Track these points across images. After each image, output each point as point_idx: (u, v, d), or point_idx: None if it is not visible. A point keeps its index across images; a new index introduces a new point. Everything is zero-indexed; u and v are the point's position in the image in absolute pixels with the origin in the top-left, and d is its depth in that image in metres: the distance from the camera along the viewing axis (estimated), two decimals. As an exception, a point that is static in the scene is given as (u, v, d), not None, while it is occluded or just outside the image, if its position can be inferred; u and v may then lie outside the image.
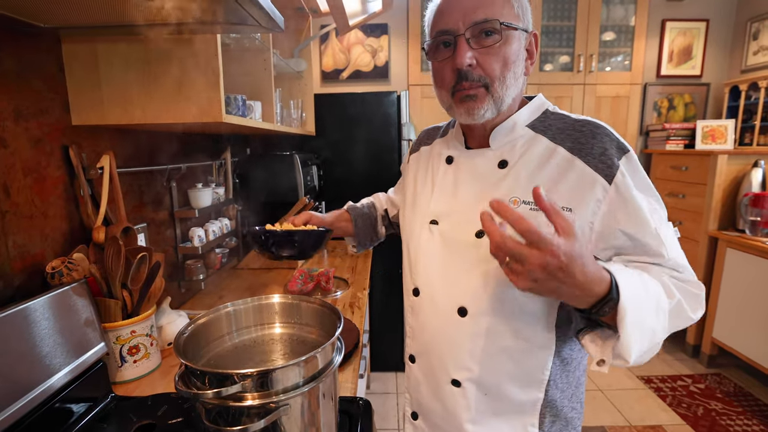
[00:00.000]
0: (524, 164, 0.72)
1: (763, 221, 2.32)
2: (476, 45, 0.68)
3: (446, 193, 0.80)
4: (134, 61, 0.94)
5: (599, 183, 0.67)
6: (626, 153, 0.68)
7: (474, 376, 0.75)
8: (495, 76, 0.69)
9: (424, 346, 0.81)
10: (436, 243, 0.79)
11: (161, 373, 1.01)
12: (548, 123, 0.75)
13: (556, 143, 0.71)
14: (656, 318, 0.59)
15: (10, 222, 0.80)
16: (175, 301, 1.38)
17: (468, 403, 0.76)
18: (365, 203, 1.12)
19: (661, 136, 3.07)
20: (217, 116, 0.95)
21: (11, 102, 0.81)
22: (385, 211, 1.10)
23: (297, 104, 2.01)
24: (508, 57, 0.69)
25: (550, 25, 3.05)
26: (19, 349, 0.69)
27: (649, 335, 0.59)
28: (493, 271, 0.71)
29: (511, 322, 0.72)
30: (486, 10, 0.67)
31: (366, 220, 1.08)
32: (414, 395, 0.86)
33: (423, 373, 0.82)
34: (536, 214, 0.68)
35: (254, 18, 0.76)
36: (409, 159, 0.98)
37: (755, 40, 2.94)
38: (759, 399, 2.29)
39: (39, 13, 0.75)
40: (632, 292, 0.56)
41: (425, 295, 0.79)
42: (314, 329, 0.78)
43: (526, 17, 0.72)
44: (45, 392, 0.72)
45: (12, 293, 0.80)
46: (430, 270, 0.79)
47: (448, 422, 0.79)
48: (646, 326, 0.58)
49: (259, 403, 0.56)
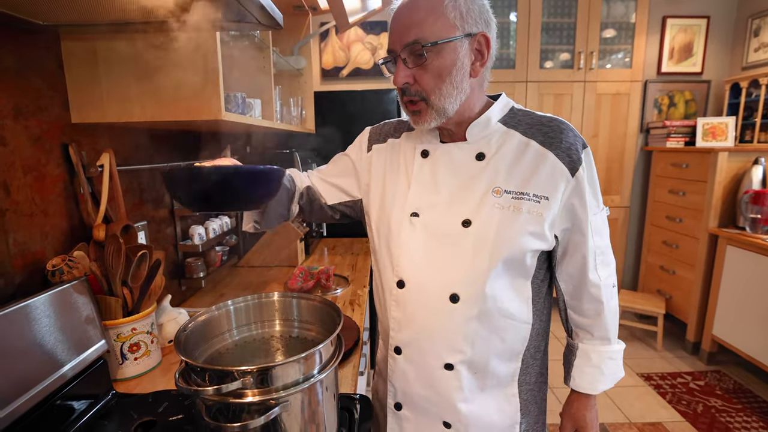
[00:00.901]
0: (502, 157, 0.78)
1: (763, 218, 2.32)
2: (411, 64, 0.73)
3: (425, 185, 0.82)
4: (133, 59, 0.94)
5: (565, 174, 0.76)
6: (586, 148, 0.79)
7: (466, 357, 0.80)
8: (430, 89, 0.74)
9: (413, 336, 0.82)
10: (418, 235, 0.80)
11: (162, 370, 1.01)
12: (517, 119, 0.81)
13: (528, 137, 0.78)
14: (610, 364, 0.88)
15: (10, 220, 0.80)
16: (176, 299, 1.38)
17: (460, 384, 0.81)
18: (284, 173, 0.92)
19: (661, 134, 3.06)
20: (216, 114, 0.94)
21: (11, 100, 0.81)
22: (307, 189, 0.97)
23: (297, 102, 2.01)
24: (441, 71, 0.72)
25: (550, 22, 3.05)
26: (20, 347, 0.69)
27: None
28: (481, 258, 0.75)
29: (499, 303, 0.78)
30: (416, 30, 0.71)
31: (283, 191, 0.90)
32: (399, 386, 0.87)
33: (412, 362, 0.83)
34: (518, 202, 0.75)
35: (253, 15, 0.76)
36: (372, 148, 0.94)
37: (756, 36, 2.93)
38: (759, 396, 2.30)
39: (38, 11, 0.75)
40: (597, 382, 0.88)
41: (412, 286, 0.80)
42: (314, 326, 0.78)
43: (467, 22, 0.72)
44: (46, 389, 0.72)
45: (13, 291, 0.81)
46: (415, 261, 0.80)
47: (439, 405, 0.83)
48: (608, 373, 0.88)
49: (259, 399, 0.57)
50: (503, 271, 0.77)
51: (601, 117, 3.16)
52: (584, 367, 0.88)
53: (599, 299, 0.84)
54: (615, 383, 0.88)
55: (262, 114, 1.49)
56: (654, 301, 2.92)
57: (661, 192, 3.05)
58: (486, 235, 0.75)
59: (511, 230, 0.75)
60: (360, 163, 0.96)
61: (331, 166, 1.01)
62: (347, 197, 0.98)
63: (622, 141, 3.19)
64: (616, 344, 0.88)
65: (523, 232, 0.75)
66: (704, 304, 2.65)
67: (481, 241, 0.76)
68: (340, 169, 0.99)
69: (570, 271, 0.83)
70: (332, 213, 0.99)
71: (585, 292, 0.84)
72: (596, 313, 0.85)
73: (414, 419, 0.87)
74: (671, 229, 2.94)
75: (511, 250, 0.75)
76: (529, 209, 0.75)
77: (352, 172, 0.97)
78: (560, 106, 3.13)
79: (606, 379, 0.87)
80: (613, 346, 0.88)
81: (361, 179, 0.95)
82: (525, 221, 0.75)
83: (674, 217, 2.90)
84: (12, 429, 0.66)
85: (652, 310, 2.83)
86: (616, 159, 3.21)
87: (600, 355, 0.87)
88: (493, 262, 0.75)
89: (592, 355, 0.87)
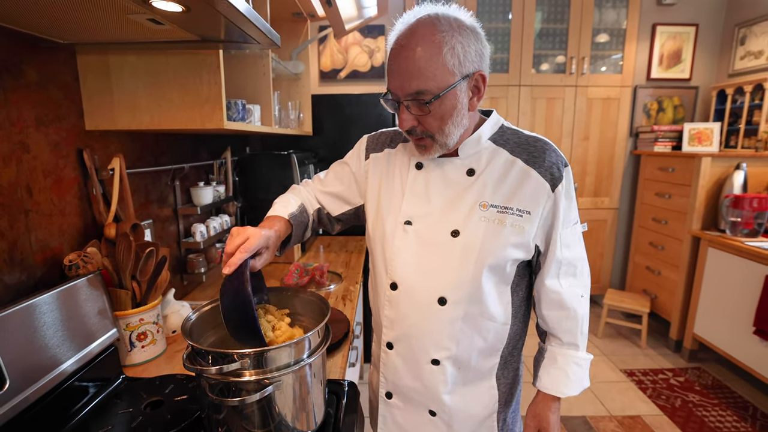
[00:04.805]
0: (489, 173, 0.84)
1: (742, 222, 2.42)
2: (415, 111, 0.78)
3: (419, 196, 0.89)
4: (143, 72, 1.02)
5: (546, 189, 0.82)
6: (566, 167, 0.85)
7: (451, 354, 0.88)
8: (435, 130, 0.79)
9: (403, 333, 0.90)
10: (411, 242, 0.87)
11: (166, 357, 1.10)
12: (506, 137, 0.87)
13: (515, 156, 0.84)
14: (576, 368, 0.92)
15: (32, 219, 0.89)
16: (178, 293, 1.47)
17: (445, 378, 0.89)
18: (297, 207, 0.99)
19: (649, 138, 3.15)
20: (219, 123, 1.03)
21: (33, 110, 0.89)
22: (317, 211, 1.04)
23: (295, 105, 2.09)
24: (444, 114, 0.77)
25: (544, 28, 3.13)
26: (42, 334, 0.78)
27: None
28: (467, 265, 0.83)
29: (482, 306, 0.85)
30: (418, 82, 0.74)
31: (300, 228, 0.99)
32: (390, 378, 0.96)
33: (402, 357, 0.92)
34: (503, 216, 0.80)
35: (254, 38, 0.85)
36: (369, 157, 1.00)
37: (742, 45, 3.02)
38: (735, 392, 2.40)
39: (61, 33, 0.84)
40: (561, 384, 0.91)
41: (404, 288, 0.88)
42: (305, 317, 0.87)
43: (465, 66, 0.75)
44: (65, 372, 0.81)
45: (35, 283, 0.89)
46: (407, 266, 0.88)
47: (426, 396, 0.92)
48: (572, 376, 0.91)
49: (255, 379, 0.66)
50: (486, 277, 0.84)
51: (592, 121, 3.24)
52: (550, 368, 0.92)
53: (562, 306, 0.89)
54: (580, 390, 0.91)
55: (262, 119, 1.57)
56: (640, 300, 3.02)
57: (649, 195, 3.14)
58: (472, 245, 0.82)
59: (495, 241, 0.82)
60: (358, 172, 1.01)
61: (332, 176, 1.05)
62: (348, 206, 1.04)
63: (612, 144, 3.28)
64: (583, 353, 0.92)
65: (506, 244, 0.82)
66: (687, 304, 2.75)
67: (467, 250, 0.82)
68: (340, 178, 1.04)
69: (538, 278, 0.90)
70: (337, 223, 1.07)
71: (546, 298, 0.90)
72: (559, 319, 0.90)
73: (403, 407, 0.97)
74: (657, 231, 3.04)
75: (494, 259, 0.82)
76: (512, 222, 0.82)
77: (351, 181, 1.02)
78: (552, 110, 3.21)
79: (571, 383, 0.90)
80: (580, 353, 0.91)
81: (360, 186, 1.02)
82: (508, 233, 0.82)
83: (660, 219, 2.99)
84: (34, 406, 0.75)
85: (637, 309, 2.93)
86: (606, 162, 3.30)
87: (566, 359, 0.91)
88: (478, 270, 0.82)
89: (559, 357, 0.91)
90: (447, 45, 0.73)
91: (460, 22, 0.75)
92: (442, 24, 0.73)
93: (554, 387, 0.91)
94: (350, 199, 1.03)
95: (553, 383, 0.91)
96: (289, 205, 0.98)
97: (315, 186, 1.07)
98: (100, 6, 0.64)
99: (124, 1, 0.61)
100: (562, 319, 0.90)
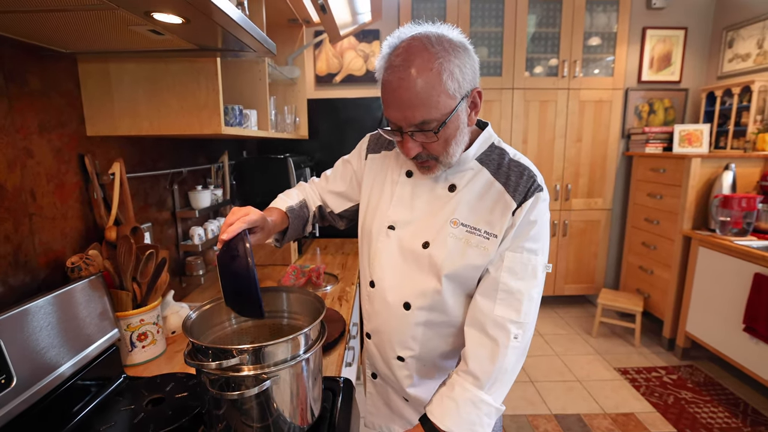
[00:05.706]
0: (468, 192, 0.86)
1: (731, 221, 2.46)
2: (420, 138, 0.78)
3: (404, 203, 0.92)
4: (142, 79, 1.05)
5: (511, 209, 0.82)
6: (539, 192, 0.82)
7: (415, 354, 0.94)
8: (440, 153, 0.81)
9: (376, 328, 0.97)
10: (392, 246, 0.91)
11: (166, 357, 1.12)
12: (492, 157, 0.88)
13: (495, 177, 0.85)
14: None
15: (36, 223, 0.91)
16: (177, 295, 1.49)
17: (410, 373, 0.96)
18: (297, 202, 1.04)
19: (641, 140, 3.20)
20: (216, 129, 1.06)
21: (36, 117, 0.92)
22: (319, 208, 1.10)
23: (291, 109, 2.13)
24: (448, 138, 0.78)
25: (537, 32, 3.18)
26: (46, 334, 0.80)
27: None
28: (431, 277, 0.87)
29: (443, 315, 0.90)
30: (422, 112, 0.73)
31: (299, 222, 1.04)
32: (372, 362, 1.05)
33: (377, 347, 1.00)
34: (469, 236, 0.85)
35: (249, 46, 0.88)
36: (368, 157, 1.02)
37: (730, 48, 3.08)
38: (727, 389, 2.44)
39: (65, 43, 0.87)
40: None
41: (379, 288, 0.94)
42: (301, 316, 0.90)
43: (463, 87, 0.75)
44: (68, 370, 0.83)
45: (38, 285, 0.92)
46: (384, 269, 0.92)
47: (396, 386, 1.00)
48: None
49: (254, 374, 0.68)
50: (450, 290, 0.87)
51: (585, 123, 3.29)
52: (444, 395, 0.82)
53: (484, 330, 0.82)
54: None
55: (258, 123, 1.60)
56: (633, 299, 3.06)
57: (641, 195, 3.19)
58: (437, 259, 0.85)
59: (458, 260, 0.84)
60: (359, 171, 1.05)
61: (335, 174, 1.10)
62: (351, 203, 1.09)
63: (604, 146, 3.33)
64: (487, 395, 0.80)
65: (467, 264, 0.84)
66: (679, 303, 2.79)
67: (432, 262, 0.86)
68: (343, 177, 1.08)
69: (476, 292, 0.87)
70: (341, 219, 1.12)
71: (472, 314, 0.85)
72: (476, 342, 0.82)
73: (384, 387, 1.05)
74: (649, 231, 3.08)
75: (455, 274, 0.85)
76: (478, 243, 0.83)
77: (353, 179, 1.06)
78: (545, 113, 3.26)
79: (459, 420, 0.78)
80: (482, 394, 0.80)
81: (360, 184, 1.05)
82: (472, 254, 0.83)
83: (652, 219, 3.04)
84: (39, 404, 0.77)
85: (631, 308, 2.97)
86: (599, 163, 3.34)
87: (464, 392, 0.80)
88: (440, 282, 0.86)
89: (457, 387, 0.81)
90: (446, 71, 0.72)
91: (452, 42, 0.74)
92: (435, 48, 0.72)
93: (439, 415, 0.80)
94: (352, 197, 1.08)
95: (440, 412, 0.80)
96: (290, 199, 1.04)
97: (321, 184, 1.12)
98: (104, 19, 0.67)
99: (127, 15, 0.64)
100: (479, 345, 0.82)
